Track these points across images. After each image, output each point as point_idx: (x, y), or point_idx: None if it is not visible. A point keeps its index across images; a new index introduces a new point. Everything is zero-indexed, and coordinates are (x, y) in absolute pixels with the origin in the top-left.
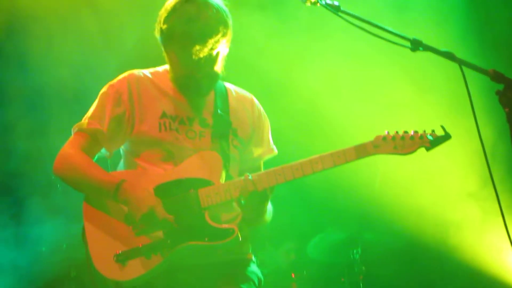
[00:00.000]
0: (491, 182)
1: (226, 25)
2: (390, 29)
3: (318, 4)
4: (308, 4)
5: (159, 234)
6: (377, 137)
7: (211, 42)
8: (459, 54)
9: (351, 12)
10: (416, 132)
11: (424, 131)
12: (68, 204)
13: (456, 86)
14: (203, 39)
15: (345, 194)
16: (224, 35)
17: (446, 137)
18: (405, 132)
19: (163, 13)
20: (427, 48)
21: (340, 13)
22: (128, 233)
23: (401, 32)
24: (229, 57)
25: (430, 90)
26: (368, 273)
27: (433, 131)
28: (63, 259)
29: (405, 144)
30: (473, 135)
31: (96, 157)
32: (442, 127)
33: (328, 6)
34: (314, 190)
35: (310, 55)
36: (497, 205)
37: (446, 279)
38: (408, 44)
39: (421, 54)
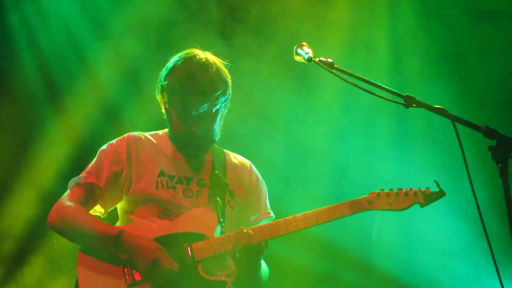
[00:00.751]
0: (485, 238)
1: (225, 84)
2: (383, 85)
3: (312, 61)
4: (302, 60)
5: (154, 284)
6: (372, 194)
7: (211, 98)
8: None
9: (344, 69)
10: (410, 189)
11: (419, 188)
12: None
13: (449, 141)
14: (203, 94)
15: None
16: (223, 93)
17: (441, 193)
18: (400, 189)
19: (163, 71)
20: (420, 104)
21: (333, 70)
22: (119, 279)
23: (394, 89)
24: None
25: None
26: None
27: (427, 187)
28: None
29: (399, 200)
30: (465, 190)
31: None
32: (436, 182)
33: (322, 63)
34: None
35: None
36: (491, 262)
37: None
38: (402, 100)
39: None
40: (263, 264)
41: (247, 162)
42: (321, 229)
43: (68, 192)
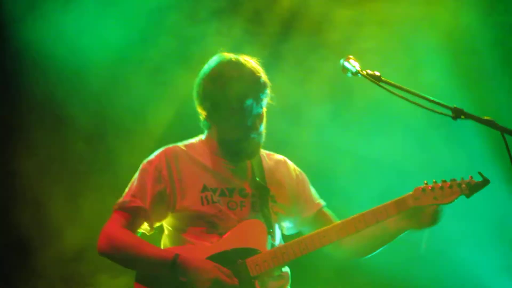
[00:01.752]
0: None
1: (265, 89)
2: (430, 97)
3: (359, 74)
4: (349, 74)
5: None
6: (416, 189)
7: (263, 98)
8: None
9: (391, 81)
10: (453, 180)
11: (462, 178)
12: None
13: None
14: (257, 95)
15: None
16: (268, 90)
17: (485, 182)
18: (444, 181)
19: (204, 80)
20: (469, 116)
21: (381, 83)
22: None
23: (442, 101)
24: None
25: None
26: None
27: (470, 177)
28: None
29: (445, 193)
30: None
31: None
32: (480, 173)
33: (370, 76)
34: None
35: None
36: None
37: None
38: (450, 112)
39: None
40: None
41: (281, 158)
42: None
43: (113, 216)
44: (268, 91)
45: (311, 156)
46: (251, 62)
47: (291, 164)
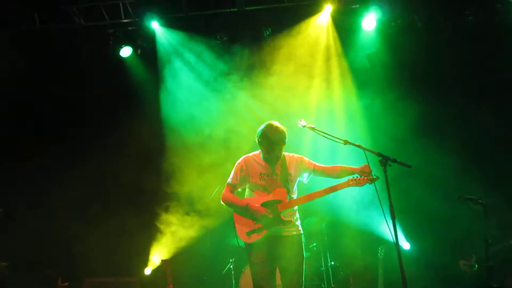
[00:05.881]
0: None
1: (285, 138)
2: (334, 135)
3: (306, 127)
4: (300, 126)
5: (263, 223)
6: (349, 179)
7: (282, 143)
8: None
9: (318, 128)
10: (363, 176)
11: (368, 174)
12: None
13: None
14: (279, 145)
15: None
16: (284, 142)
17: (377, 178)
18: (359, 176)
19: (261, 133)
20: (351, 143)
21: (315, 130)
22: (250, 222)
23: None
24: None
25: None
26: None
27: (374, 175)
28: None
29: (360, 181)
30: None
31: (236, 192)
32: (375, 175)
33: (309, 128)
34: None
35: None
36: None
37: None
38: (342, 142)
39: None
40: None
41: (291, 155)
42: None
43: (226, 187)
44: (285, 139)
45: None
46: (279, 126)
47: (296, 156)
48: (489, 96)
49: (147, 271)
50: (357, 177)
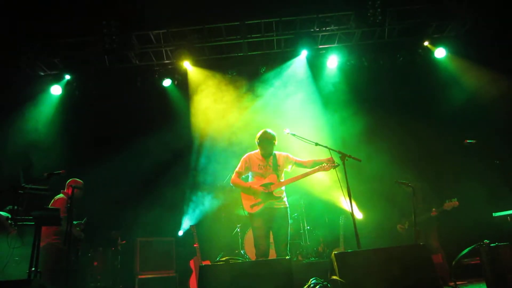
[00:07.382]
0: None
1: (275, 140)
2: (307, 138)
3: (290, 134)
4: (285, 134)
5: (261, 198)
6: (321, 166)
7: (273, 143)
8: None
9: (299, 135)
10: (328, 164)
11: (331, 162)
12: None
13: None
14: (270, 145)
15: None
16: (274, 143)
17: (337, 165)
18: (325, 164)
19: (258, 139)
20: (320, 145)
21: (295, 136)
22: (252, 198)
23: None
24: None
25: None
26: None
27: (336, 163)
28: None
29: (326, 167)
30: None
31: (242, 177)
32: (336, 163)
33: (291, 134)
34: None
35: None
36: None
37: None
38: (314, 144)
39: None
40: None
41: (280, 152)
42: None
43: (234, 174)
44: (274, 141)
45: None
46: (270, 132)
47: (284, 153)
48: (410, 111)
49: (180, 233)
50: (324, 164)
